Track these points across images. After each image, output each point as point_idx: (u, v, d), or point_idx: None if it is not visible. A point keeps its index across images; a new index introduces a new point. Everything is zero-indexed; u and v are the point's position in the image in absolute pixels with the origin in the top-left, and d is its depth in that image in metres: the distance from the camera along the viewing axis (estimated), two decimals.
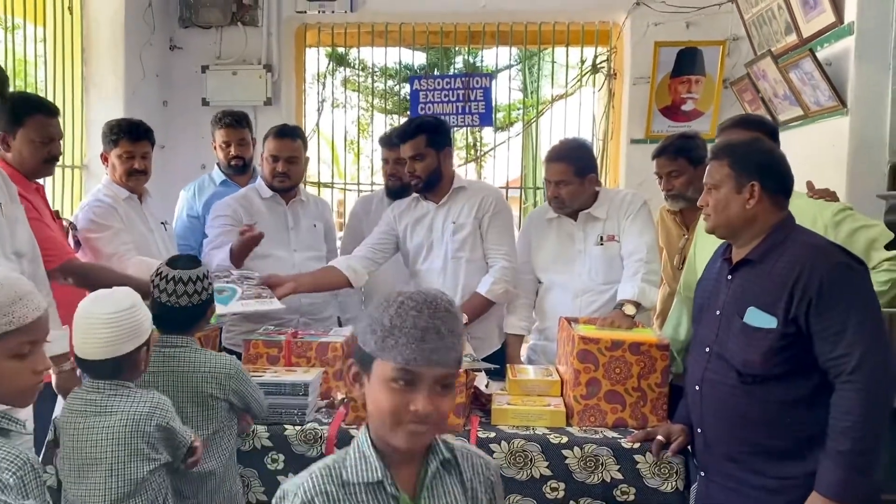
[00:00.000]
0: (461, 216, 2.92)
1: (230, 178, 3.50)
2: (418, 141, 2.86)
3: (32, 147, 2.55)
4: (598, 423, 2.29)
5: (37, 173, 2.63)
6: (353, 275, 2.86)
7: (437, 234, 2.95)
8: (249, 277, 2.68)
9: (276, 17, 4.56)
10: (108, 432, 1.80)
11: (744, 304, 1.85)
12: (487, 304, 2.84)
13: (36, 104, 2.63)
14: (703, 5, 4.19)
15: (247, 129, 3.50)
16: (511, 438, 2.18)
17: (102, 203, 2.84)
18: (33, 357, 1.39)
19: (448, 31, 4.71)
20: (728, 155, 1.92)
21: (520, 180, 6.78)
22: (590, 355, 2.28)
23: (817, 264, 1.75)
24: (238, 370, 2.10)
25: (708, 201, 1.95)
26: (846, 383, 1.70)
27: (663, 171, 2.94)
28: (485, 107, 4.71)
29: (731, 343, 1.87)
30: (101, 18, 4.20)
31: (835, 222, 2.21)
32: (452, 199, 2.95)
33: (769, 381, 1.81)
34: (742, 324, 1.84)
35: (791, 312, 1.75)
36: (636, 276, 2.65)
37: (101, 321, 1.78)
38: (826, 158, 2.95)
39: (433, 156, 2.88)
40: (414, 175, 2.90)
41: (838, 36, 2.99)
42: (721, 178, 1.91)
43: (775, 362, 1.79)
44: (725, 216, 1.91)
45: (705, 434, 1.96)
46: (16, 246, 2.31)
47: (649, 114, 4.33)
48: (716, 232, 1.97)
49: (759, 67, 3.49)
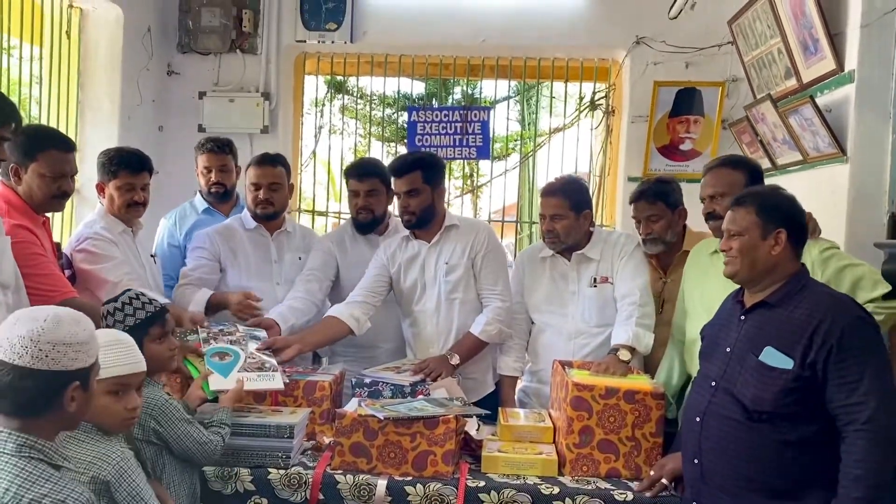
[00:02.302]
0: (453, 257, 2.87)
1: (213, 206, 3.42)
2: (414, 176, 2.81)
3: (42, 181, 2.47)
4: (590, 472, 2.23)
5: (45, 208, 2.55)
6: (356, 324, 2.77)
7: (429, 275, 2.89)
8: (255, 337, 2.57)
9: (275, 46, 4.56)
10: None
11: (760, 343, 1.89)
12: (480, 344, 2.79)
13: (51, 139, 2.54)
14: (703, 46, 4.20)
15: (229, 156, 3.41)
16: (501, 488, 2.13)
17: (101, 236, 2.75)
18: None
19: (447, 64, 4.71)
20: (755, 203, 1.97)
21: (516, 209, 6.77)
22: (583, 402, 2.23)
23: (839, 315, 1.82)
24: (162, 409, 2.00)
25: (731, 246, 1.98)
26: (859, 431, 1.74)
27: (641, 216, 2.94)
28: (482, 140, 4.70)
29: (741, 379, 1.90)
30: (99, 42, 4.18)
31: (822, 259, 2.28)
32: (444, 238, 2.90)
33: (776, 419, 1.84)
34: (757, 362, 1.88)
35: (809, 357, 1.80)
36: (630, 319, 2.61)
37: None
38: (825, 204, 2.92)
39: (428, 192, 2.83)
40: (407, 211, 2.84)
41: (839, 83, 2.98)
42: (747, 224, 1.95)
43: (785, 402, 1.82)
44: (750, 261, 1.95)
45: (702, 465, 1.96)
46: (1, 278, 2.26)
47: (647, 152, 4.32)
48: (736, 277, 2.00)
49: (758, 110, 3.49)
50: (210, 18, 4.49)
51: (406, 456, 2.18)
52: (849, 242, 2.79)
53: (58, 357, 1.44)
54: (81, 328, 1.49)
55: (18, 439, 1.44)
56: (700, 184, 2.58)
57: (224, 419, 2.17)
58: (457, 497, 2.10)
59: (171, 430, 2.01)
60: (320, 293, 2.98)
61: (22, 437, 1.44)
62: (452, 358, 2.70)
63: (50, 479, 1.42)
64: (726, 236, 2.01)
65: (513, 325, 2.86)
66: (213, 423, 2.14)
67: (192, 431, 2.04)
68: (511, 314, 2.85)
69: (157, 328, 2.10)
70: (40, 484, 1.41)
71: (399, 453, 2.18)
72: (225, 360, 2.42)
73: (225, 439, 2.12)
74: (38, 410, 1.46)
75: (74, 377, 1.47)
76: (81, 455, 1.71)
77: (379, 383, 2.53)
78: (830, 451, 1.80)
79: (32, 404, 1.45)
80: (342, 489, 2.15)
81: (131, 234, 2.89)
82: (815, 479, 1.81)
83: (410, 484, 2.14)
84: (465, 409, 2.32)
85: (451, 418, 2.19)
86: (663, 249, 2.93)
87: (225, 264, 3.02)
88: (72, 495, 1.41)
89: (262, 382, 2.40)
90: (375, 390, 2.52)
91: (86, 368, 1.49)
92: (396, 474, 2.17)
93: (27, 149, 2.46)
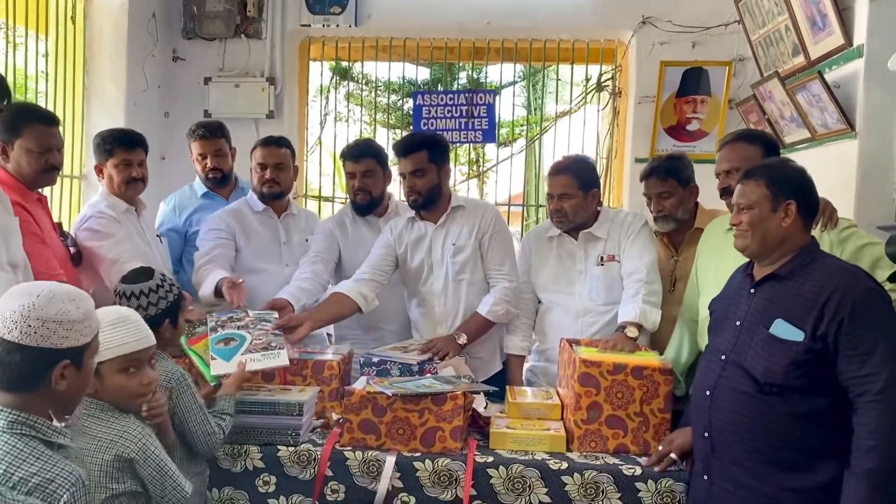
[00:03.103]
0: (460, 237, 2.87)
1: (212, 191, 3.42)
2: (420, 156, 2.80)
3: (30, 157, 2.51)
4: (598, 448, 2.24)
5: (36, 183, 2.58)
6: (364, 301, 2.78)
7: (436, 256, 2.89)
8: (265, 320, 2.55)
9: (279, 30, 4.54)
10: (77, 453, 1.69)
11: (770, 315, 1.89)
12: (487, 324, 2.79)
13: (33, 114, 2.58)
14: (710, 25, 4.17)
15: (222, 140, 3.38)
16: (509, 463, 2.13)
17: (105, 214, 2.78)
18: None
19: (452, 47, 4.69)
20: (765, 175, 1.96)
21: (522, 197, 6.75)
22: (591, 379, 2.23)
23: (851, 287, 1.81)
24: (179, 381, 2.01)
25: (742, 220, 1.97)
26: (872, 402, 1.73)
27: (653, 192, 2.92)
28: (488, 123, 4.68)
29: (751, 352, 1.90)
30: (104, 28, 4.18)
31: (840, 239, 2.26)
32: (451, 219, 2.90)
33: (786, 392, 1.83)
34: (768, 334, 1.87)
35: (820, 329, 1.79)
36: (637, 296, 2.60)
37: None
38: (833, 182, 2.90)
39: (434, 172, 2.83)
40: (414, 190, 2.83)
41: (847, 58, 2.95)
42: (757, 197, 1.95)
43: (796, 374, 1.82)
44: (760, 235, 1.94)
45: (712, 438, 1.97)
46: (10, 257, 2.27)
47: (654, 133, 4.30)
48: (747, 250, 1.99)
49: (765, 88, 3.46)
50: (214, 4, 4.48)
51: (414, 432, 2.19)
52: (858, 219, 2.76)
53: (46, 334, 1.41)
54: (75, 306, 1.46)
55: (10, 416, 1.42)
56: (715, 160, 2.56)
57: (226, 408, 2.14)
58: (465, 473, 2.11)
59: (182, 405, 2.00)
60: (326, 274, 2.98)
61: (14, 413, 1.42)
62: (460, 337, 2.70)
63: (40, 458, 1.41)
64: (736, 210, 2.01)
65: (519, 304, 2.86)
66: (214, 413, 2.11)
67: (201, 418, 2.03)
68: (518, 294, 2.85)
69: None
70: (30, 462, 1.39)
71: (407, 429, 2.19)
72: (230, 345, 2.40)
73: (225, 431, 2.10)
74: (28, 387, 1.43)
75: (64, 355, 1.44)
76: (103, 433, 1.72)
77: (387, 362, 2.54)
78: (842, 423, 1.79)
79: (21, 380, 1.43)
80: (351, 465, 2.16)
81: (135, 213, 2.90)
82: (827, 452, 1.81)
83: (419, 460, 2.15)
84: (472, 386, 2.32)
85: (458, 394, 2.20)
86: (675, 227, 2.90)
87: (239, 245, 3.03)
88: (61, 474, 1.39)
89: (266, 361, 2.37)
90: (384, 369, 2.52)
91: (78, 347, 1.46)
92: (405, 450, 2.18)
93: (11, 125, 2.48)
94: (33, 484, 1.37)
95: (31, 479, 1.37)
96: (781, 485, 1.85)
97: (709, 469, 1.98)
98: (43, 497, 1.36)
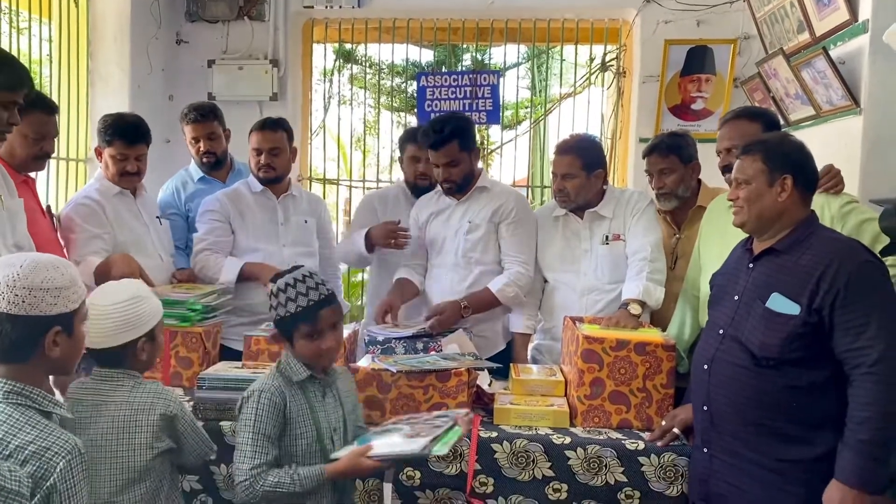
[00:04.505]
0: (478, 216, 2.90)
1: (208, 175, 3.42)
2: (452, 147, 2.82)
3: (25, 142, 2.50)
4: (602, 423, 2.25)
5: (25, 167, 2.57)
6: (420, 283, 3.00)
7: (451, 230, 2.94)
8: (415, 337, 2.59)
9: (282, 12, 4.54)
10: (110, 421, 1.81)
11: (767, 290, 1.90)
12: (494, 301, 2.81)
13: (34, 100, 2.57)
14: (714, 3, 4.15)
15: (215, 122, 3.38)
16: (513, 438, 2.15)
17: (90, 201, 2.77)
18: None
19: (456, 28, 4.67)
20: (761, 150, 1.96)
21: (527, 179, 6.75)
22: (594, 355, 2.24)
23: (846, 260, 1.81)
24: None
25: (738, 195, 1.98)
26: (867, 374, 1.74)
27: (654, 169, 2.92)
28: (492, 104, 4.67)
29: (748, 326, 1.91)
30: (108, 12, 4.18)
31: (842, 214, 2.25)
32: (473, 197, 2.94)
33: (783, 365, 1.85)
34: (764, 308, 1.88)
35: (815, 303, 1.80)
36: (640, 274, 2.61)
37: (100, 312, 1.82)
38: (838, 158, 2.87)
39: (466, 159, 2.86)
40: (449, 180, 2.88)
41: (852, 34, 2.93)
42: (753, 172, 1.95)
43: (792, 348, 1.83)
44: (757, 210, 1.95)
45: (711, 411, 1.98)
46: (16, 239, 2.29)
47: (658, 112, 4.28)
48: (745, 226, 2.00)
49: (770, 66, 3.44)
50: None
51: (419, 408, 2.21)
52: (863, 195, 2.75)
53: (34, 302, 1.45)
54: (60, 273, 1.50)
55: (5, 386, 1.46)
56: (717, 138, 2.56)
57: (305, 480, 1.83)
58: (469, 448, 2.13)
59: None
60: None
61: (9, 383, 1.46)
62: (463, 303, 2.73)
63: (36, 427, 1.44)
64: (734, 185, 2.02)
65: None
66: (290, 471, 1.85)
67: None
68: (531, 283, 2.87)
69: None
70: (26, 431, 1.43)
71: (412, 406, 2.21)
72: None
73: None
74: (22, 356, 1.47)
75: (54, 322, 1.48)
76: (140, 398, 1.83)
77: (392, 340, 2.56)
78: (838, 395, 1.80)
79: (14, 350, 1.46)
80: None
81: (131, 195, 2.90)
82: (823, 423, 1.83)
83: None
84: (476, 363, 2.34)
85: (462, 371, 2.22)
86: (676, 204, 2.90)
87: (234, 226, 3.05)
88: (57, 442, 1.43)
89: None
90: (388, 347, 2.54)
91: (67, 314, 1.50)
92: None
93: None
94: (29, 452, 1.40)
95: (28, 448, 1.40)
96: (779, 456, 1.87)
97: (708, 442, 2.00)
98: (39, 465, 1.40)
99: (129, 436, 1.81)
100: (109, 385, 1.85)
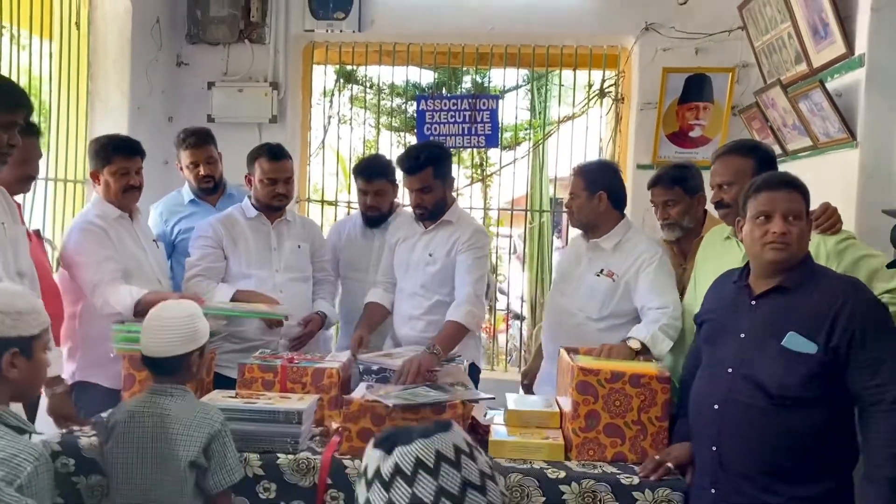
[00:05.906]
0: (438, 250, 2.96)
1: (199, 198, 3.43)
2: (426, 174, 2.88)
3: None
4: (596, 456, 2.24)
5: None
6: (389, 305, 3.09)
7: (413, 260, 3.01)
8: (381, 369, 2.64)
9: (283, 35, 4.56)
10: (163, 431, 1.98)
11: (781, 328, 1.91)
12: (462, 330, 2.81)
13: None
14: (713, 32, 4.16)
15: (212, 146, 3.41)
16: (508, 472, 2.14)
17: (93, 226, 2.77)
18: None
19: (456, 52, 4.70)
20: (801, 190, 1.97)
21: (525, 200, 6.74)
22: (589, 387, 2.23)
23: (858, 298, 1.88)
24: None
25: (791, 231, 1.92)
26: (888, 412, 1.78)
27: (659, 201, 2.93)
28: (491, 128, 4.68)
29: (764, 365, 1.91)
30: (108, 34, 4.20)
31: (837, 251, 2.25)
32: (438, 229, 2.99)
33: (799, 404, 1.86)
34: (780, 347, 1.89)
35: (833, 341, 1.84)
36: (656, 323, 2.55)
37: (163, 324, 2.05)
38: (835, 189, 2.89)
39: (440, 187, 2.90)
40: (421, 206, 2.94)
41: (849, 67, 2.95)
42: (801, 209, 1.95)
43: (811, 386, 1.85)
44: (802, 248, 1.96)
45: (721, 452, 1.97)
46: (19, 265, 2.29)
47: (656, 139, 4.30)
48: (789, 262, 1.95)
49: (768, 96, 3.46)
50: (218, 8, 4.50)
51: None
52: (859, 228, 2.76)
53: None
54: (21, 298, 1.63)
55: None
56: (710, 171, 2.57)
57: None
58: None
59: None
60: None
61: None
62: (434, 350, 2.67)
63: (4, 437, 1.52)
64: (781, 220, 1.92)
65: None
66: None
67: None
68: (483, 305, 2.94)
69: None
70: None
71: None
72: None
73: None
74: None
75: (11, 344, 1.58)
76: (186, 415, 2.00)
77: (387, 370, 2.55)
78: (844, 433, 1.87)
79: None
80: (350, 474, 2.16)
81: (129, 218, 2.90)
82: (831, 460, 1.88)
83: None
84: (470, 394, 2.33)
85: (458, 403, 2.21)
86: (680, 234, 2.90)
87: (227, 252, 3.05)
88: (25, 449, 1.52)
89: None
90: (383, 377, 2.54)
91: (26, 338, 1.60)
92: None
93: None
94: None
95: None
96: (791, 495, 1.88)
97: (716, 483, 1.98)
98: (8, 469, 1.48)
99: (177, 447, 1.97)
100: (162, 398, 2.03)
